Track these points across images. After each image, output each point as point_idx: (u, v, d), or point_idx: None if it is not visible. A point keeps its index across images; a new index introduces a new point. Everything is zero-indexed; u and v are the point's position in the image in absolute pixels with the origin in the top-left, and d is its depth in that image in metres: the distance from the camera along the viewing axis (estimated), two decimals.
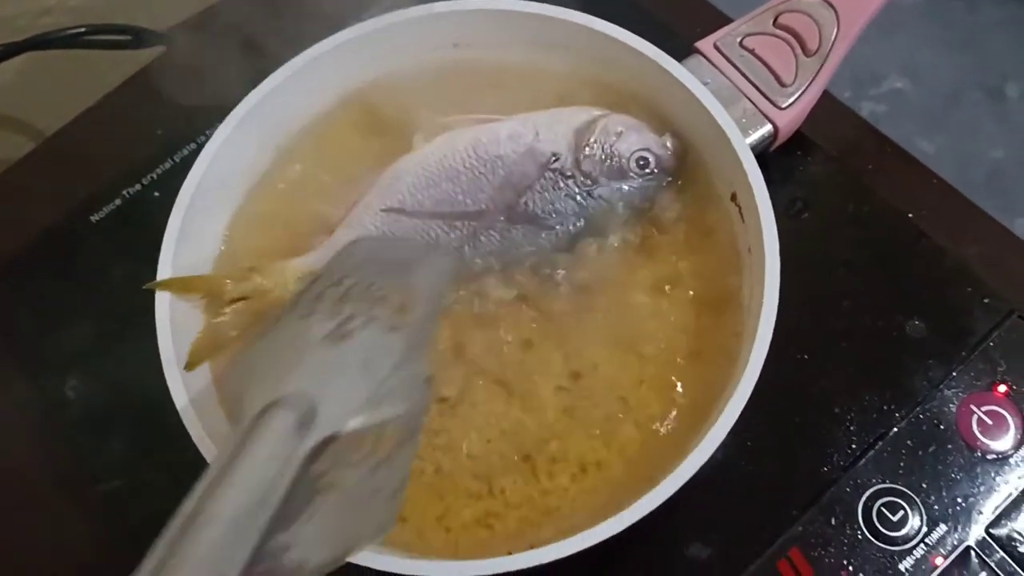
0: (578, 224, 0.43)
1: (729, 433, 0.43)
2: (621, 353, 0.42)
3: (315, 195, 0.46)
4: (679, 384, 0.41)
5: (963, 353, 0.44)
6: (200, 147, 0.45)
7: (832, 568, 0.41)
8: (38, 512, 0.48)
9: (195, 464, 0.37)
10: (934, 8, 1.33)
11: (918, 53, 1.30)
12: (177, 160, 0.53)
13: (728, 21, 0.48)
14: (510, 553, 0.35)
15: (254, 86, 0.45)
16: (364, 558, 0.36)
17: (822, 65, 0.44)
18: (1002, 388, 0.43)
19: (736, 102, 0.45)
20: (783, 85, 0.45)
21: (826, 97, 0.54)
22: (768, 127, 0.45)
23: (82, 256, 0.51)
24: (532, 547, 0.35)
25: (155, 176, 0.53)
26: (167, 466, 0.43)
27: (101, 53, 0.64)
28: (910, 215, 0.48)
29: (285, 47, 0.47)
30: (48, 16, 0.69)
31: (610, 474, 0.40)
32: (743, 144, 0.41)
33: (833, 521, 0.41)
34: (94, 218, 0.52)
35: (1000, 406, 0.43)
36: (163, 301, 0.41)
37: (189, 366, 0.41)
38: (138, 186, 0.53)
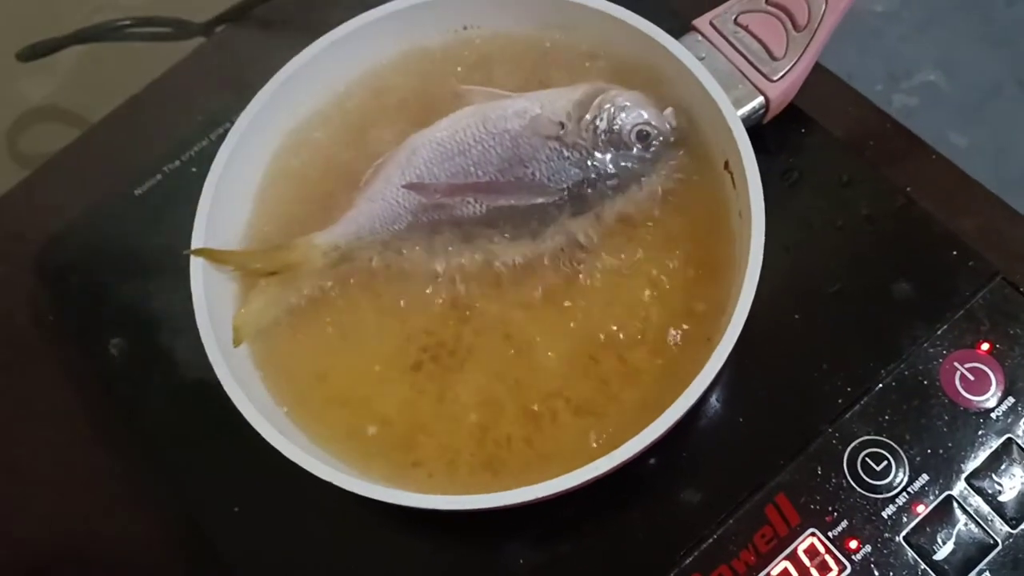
0: (582, 191, 0.46)
1: (722, 386, 0.46)
2: (620, 312, 0.45)
3: (336, 166, 0.49)
4: (674, 340, 0.44)
5: (948, 313, 0.46)
6: (233, 126, 0.48)
7: (817, 513, 0.43)
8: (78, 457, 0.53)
9: (229, 417, 0.41)
10: (972, 2, 1.32)
11: (954, 47, 1.29)
12: (213, 139, 0.57)
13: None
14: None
15: None
16: (376, 492, 0.39)
17: (811, 39, 0.47)
18: (985, 346, 0.45)
19: (730, 76, 0.47)
20: (774, 59, 0.47)
21: (832, 78, 0.56)
22: (760, 99, 0.47)
23: (126, 225, 0.55)
24: None
25: (192, 153, 0.56)
26: (201, 419, 0.47)
27: (145, 44, 0.68)
28: (907, 188, 0.50)
29: (315, 36, 0.50)
30: (97, 12, 0.73)
31: (608, 423, 0.43)
32: (734, 115, 0.44)
33: (819, 470, 0.44)
34: (137, 192, 0.56)
35: (983, 363, 0.45)
36: (197, 267, 0.45)
37: (235, 342, 0.44)
38: (177, 163, 0.56)
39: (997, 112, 1.24)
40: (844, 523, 0.43)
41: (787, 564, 0.42)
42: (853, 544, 0.42)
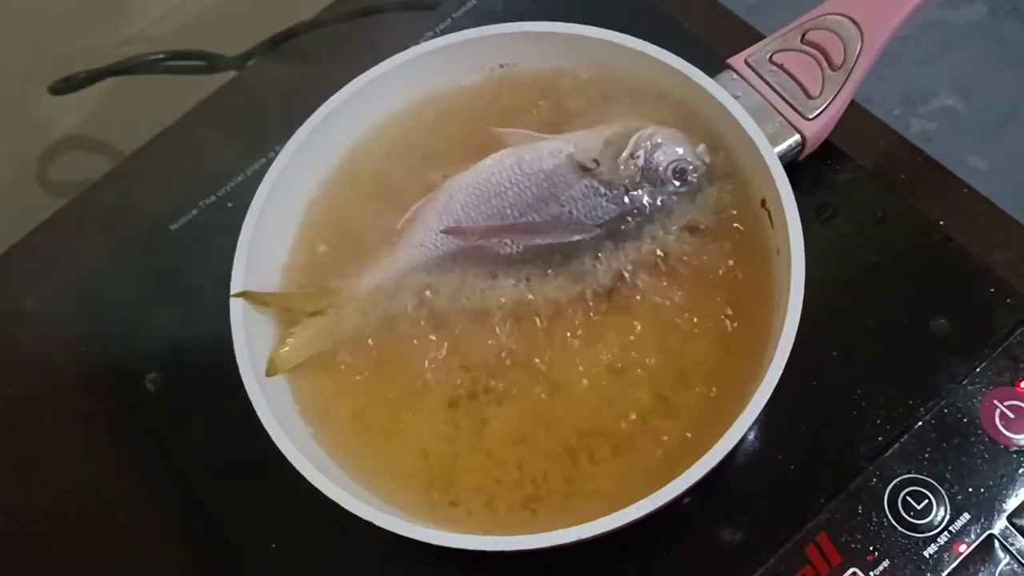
0: (618, 228, 0.46)
1: (761, 425, 0.46)
2: (658, 349, 0.45)
3: (376, 206, 0.49)
4: (714, 378, 0.44)
5: (986, 350, 0.45)
6: (269, 162, 0.49)
7: (858, 553, 0.43)
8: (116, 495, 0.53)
9: (267, 452, 0.41)
10: (988, 26, 1.33)
11: (971, 71, 1.30)
12: (249, 173, 0.57)
13: (759, 37, 0.51)
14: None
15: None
16: (416, 532, 0.39)
17: (847, 78, 0.47)
18: None
19: (765, 114, 0.48)
20: (810, 98, 0.47)
21: (862, 112, 0.56)
22: (796, 137, 0.47)
23: (162, 260, 0.56)
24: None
25: (228, 189, 0.57)
26: (237, 455, 0.48)
27: (177, 78, 0.69)
28: (940, 222, 0.50)
29: (345, 72, 0.51)
30: (128, 45, 0.74)
31: (647, 461, 0.43)
32: (771, 153, 0.44)
33: (860, 509, 0.43)
34: (173, 227, 0.57)
35: (1022, 401, 0.44)
36: (237, 306, 0.45)
37: (268, 373, 0.45)
38: (213, 197, 0.57)
39: (1015, 135, 1.25)
40: (886, 562, 0.42)
41: None
42: None
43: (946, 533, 0.43)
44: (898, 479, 0.44)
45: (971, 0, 1.34)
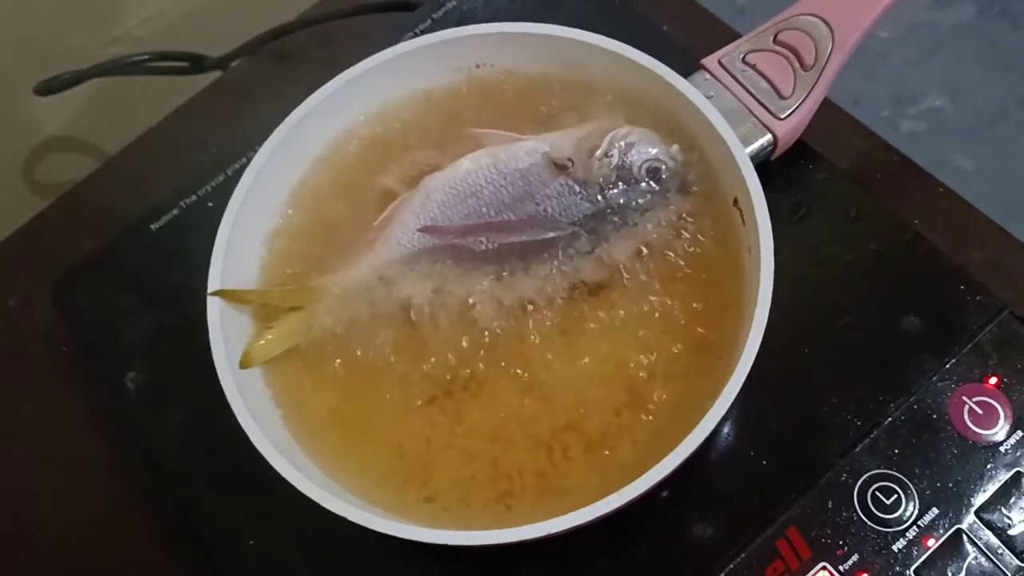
0: (593, 226, 0.46)
1: (733, 421, 0.46)
2: (631, 346, 0.45)
3: (354, 204, 0.50)
4: (686, 374, 0.44)
5: (956, 347, 0.46)
6: (249, 162, 0.49)
7: (828, 547, 0.43)
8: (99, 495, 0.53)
9: (245, 450, 0.41)
10: (977, 28, 1.33)
11: (960, 72, 1.30)
12: (230, 173, 0.57)
13: (734, 37, 0.51)
14: None
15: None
16: (392, 528, 0.40)
17: (819, 78, 0.48)
18: (993, 380, 0.45)
19: (738, 114, 0.48)
20: (782, 97, 0.48)
21: (837, 112, 0.57)
22: (768, 137, 0.48)
23: (143, 260, 0.56)
24: None
25: (209, 188, 0.57)
26: (216, 452, 0.48)
27: (162, 78, 0.70)
28: (915, 221, 0.51)
29: (328, 72, 0.51)
30: (114, 46, 0.74)
31: (620, 457, 0.43)
32: (742, 152, 0.45)
33: (830, 504, 0.44)
34: (154, 226, 0.57)
35: (991, 397, 0.45)
36: (214, 305, 0.46)
37: (242, 366, 0.45)
38: (194, 197, 0.57)
39: (1003, 135, 1.25)
40: (855, 557, 0.43)
41: None
42: None
43: (915, 528, 0.43)
44: (868, 474, 0.44)
45: (960, 1, 1.35)
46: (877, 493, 0.44)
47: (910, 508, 0.43)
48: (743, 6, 1.31)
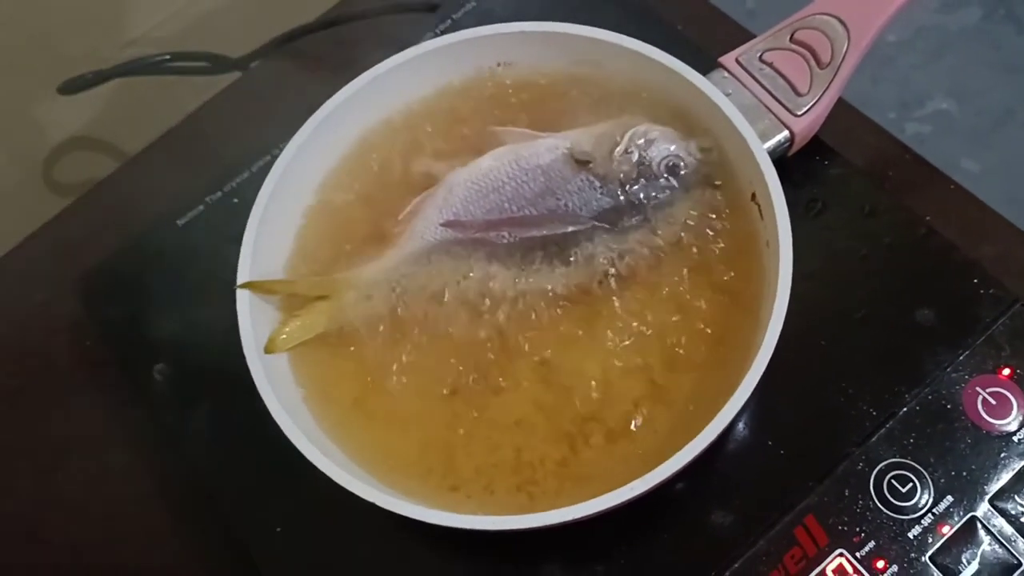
0: (613, 220, 0.47)
1: (751, 411, 0.47)
2: (652, 338, 0.46)
3: (378, 199, 0.51)
4: (706, 365, 0.45)
5: (969, 339, 0.47)
6: (273, 159, 0.50)
7: (845, 535, 0.44)
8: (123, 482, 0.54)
9: (273, 440, 0.42)
10: (983, 31, 1.34)
11: (966, 75, 1.31)
12: (254, 170, 0.59)
13: (750, 37, 0.52)
14: None
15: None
16: (419, 512, 0.41)
17: (835, 76, 0.49)
18: (1006, 371, 0.46)
19: (756, 111, 0.49)
20: (799, 95, 0.49)
21: (851, 110, 0.58)
22: (785, 133, 0.49)
23: (170, 254, 0.57)
24: None
25: (234, 185, 0.58)
26: (243, 442, 0.49)
27: (182, 79, 0.71)
28: (927, 217, 0.52)
29: (348, 72, 0.52)
30: (133, 46, 0.75)
31: (641, 446, 0.44)
32: (760, 148, 0.46)
33: (847, 492, 0.45)
34: (180, 222, 0.58)
35: (1004, 388, 0.46)
36: (243, 297, 0.47)
37: (267, 351, 0.46)
38: (219, 193, 0.58)
39: (1008, 138, 1.26)
40: (871, 544, 0.44)
41: None
42: (880, 564, 0.43)
43: (930, 515, 0.44)
44: (884, 463, 0.45)
45: (966, 5, 1.36)
46: (893, 481, 0.45)
47: (925, 496, 0.44)
48: (752, 9, 1.32)
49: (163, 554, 0.52)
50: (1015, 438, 0.45)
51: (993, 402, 0.46)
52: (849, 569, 0.43)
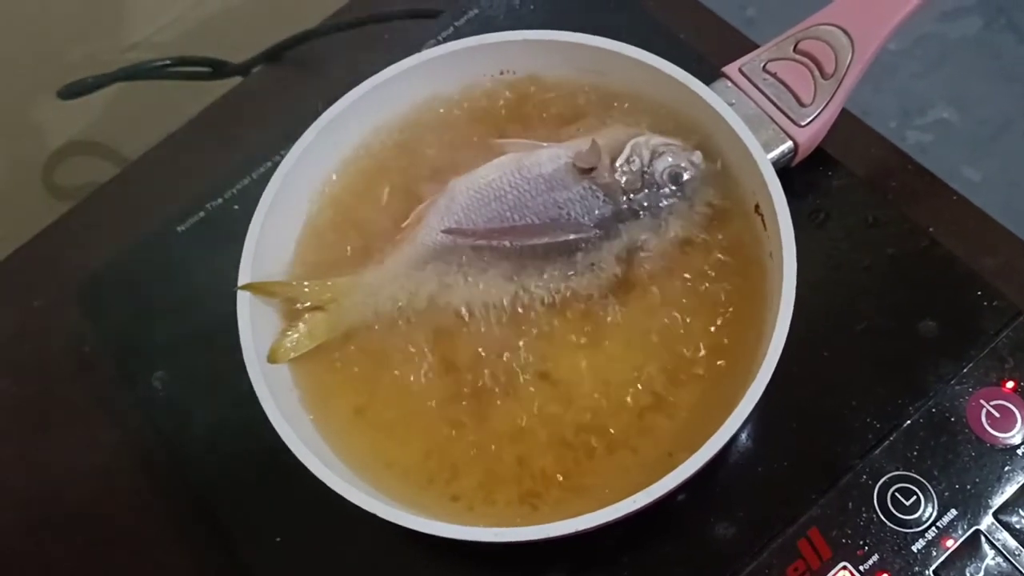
0: (615, 229, 0.47)
1: (755, 423, 0.47)
2: (654, 348, 0.46)
3: (380, 206, 0.51)
4: (708, 377, 0.45)
5: (972, 351, 0.47)
6: (275, 165, 0.50)
7: (849, 548, 0.44)
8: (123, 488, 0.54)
9: (272, 448, 0.42)
10: (983, 40, 1.34)
11: (966, 84, 1.31)
12: (255, 176, 0.58)
13: (753, 47, 0.52)
14: None
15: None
16: (421, 524, 0.41)
17: (838, 86, 0.49)
18: (1010, 384, 0.46)
19: (759, 121, 0.49)
20: (803, 105, 0.49)
21: (854, 121, 0.58)
22: (789, 144, 0.49)
23: (169, 260, 0.57)
24: None
25: (235, 191, 0.58)
26: (243, 451, 0.49)
27: (183, 84, 0.71)
28: (930, 228, 0.52)
29: (349, 78, 0.52)
30: (134, 51, 0.75)
31: (643, 457, 0.44)
32: (764, 159, 0.46)
33: (850, 505, 0.45)
34: (180, 228, 0.58)
35: (1008, 400, 0.46)
36: (244, 300, 0.46)
37: (270, 360, 0.46)
38: (219, 200, 0.58)
39: (1009, 147, 1.26)
40: (875, 557, 0.43)
41: None
42: None
43: (934, 528, 0.44)
44: (887, 476, 0.45)
45: (966, 14, 1.36)
46: (896, 494, 0.44)
47: (929, 509, 0.44)
48: (752, 17, 1.32)
49: (161, 564, 0.52)
50: (1019, 451, 0.45)
51: (997, 415, 0.45)
52: None
